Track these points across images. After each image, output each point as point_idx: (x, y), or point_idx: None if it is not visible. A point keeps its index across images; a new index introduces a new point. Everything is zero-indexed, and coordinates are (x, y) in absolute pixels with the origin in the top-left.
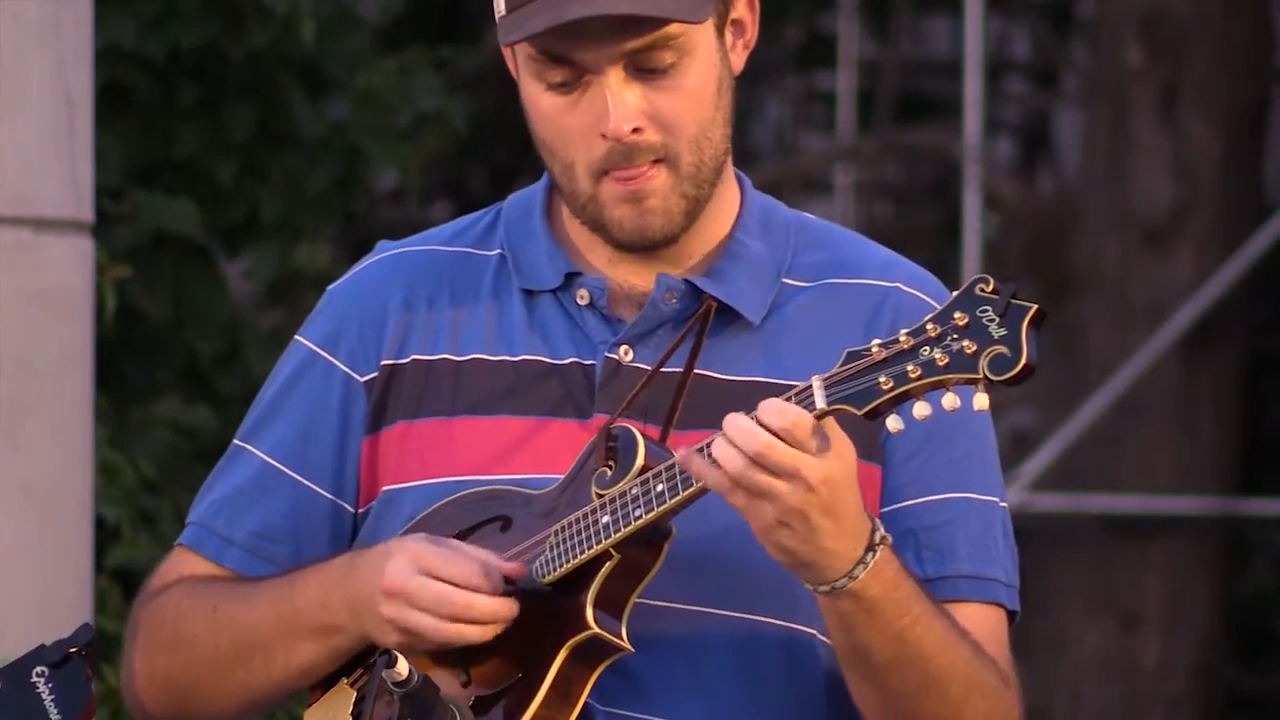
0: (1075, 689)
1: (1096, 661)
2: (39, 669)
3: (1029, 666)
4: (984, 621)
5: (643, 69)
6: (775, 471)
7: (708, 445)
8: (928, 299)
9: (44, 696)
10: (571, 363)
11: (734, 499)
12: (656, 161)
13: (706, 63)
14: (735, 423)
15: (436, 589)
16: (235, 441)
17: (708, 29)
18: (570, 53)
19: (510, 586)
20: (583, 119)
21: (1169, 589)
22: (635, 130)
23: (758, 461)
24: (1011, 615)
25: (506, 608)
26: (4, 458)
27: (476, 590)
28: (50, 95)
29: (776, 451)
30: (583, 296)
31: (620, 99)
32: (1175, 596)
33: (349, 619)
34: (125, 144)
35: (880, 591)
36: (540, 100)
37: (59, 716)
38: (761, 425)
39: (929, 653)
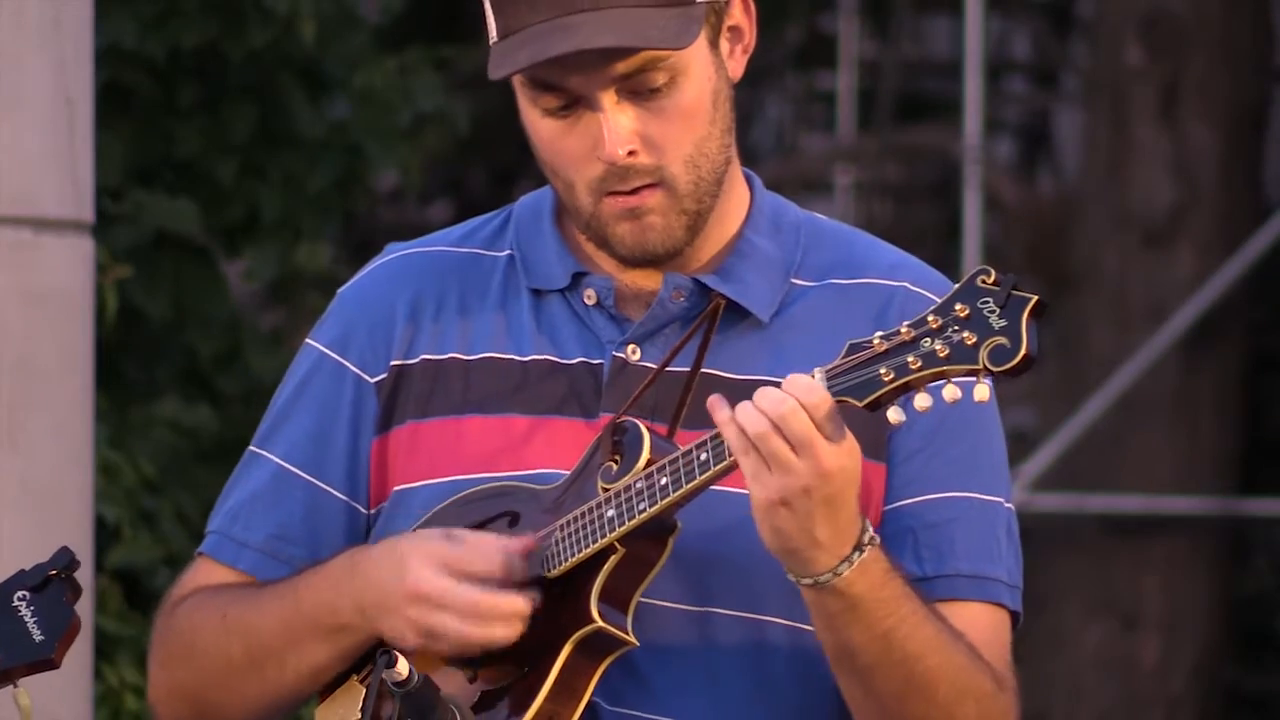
0: (1075, 689)
1: (1096, 661)
2: (20, 592)
3: (1029, 666)
4: (983, 622)
5: (635, 91)
6: (791, 442)
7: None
8: (935, 299)
9: (26, 619)
10: (579, 362)
11: (745, 461)
12: (652, 185)
13: (701, 78)
14: (766, 393)
15: (466, 591)
16: (250, 448)
17: (700, 45)
18: (561, 81)
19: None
20: (579, 143)
21: (1169, 589)
22: (630, 153)
23: (778, 427)
24: (1015, 617)
25: (531, 600)
26: (4, 458)
27: (505, 580)
28: (50, 95)
29: (798, 420)
30: (590, 296)
31: (614, 124)
32: (1175, 596)
33: (357, 619)
34: (125, 144)
35: (865, 590)
36: (538, 125)
37: (41, 637)
38: (789, 396)
39: (916, 654)
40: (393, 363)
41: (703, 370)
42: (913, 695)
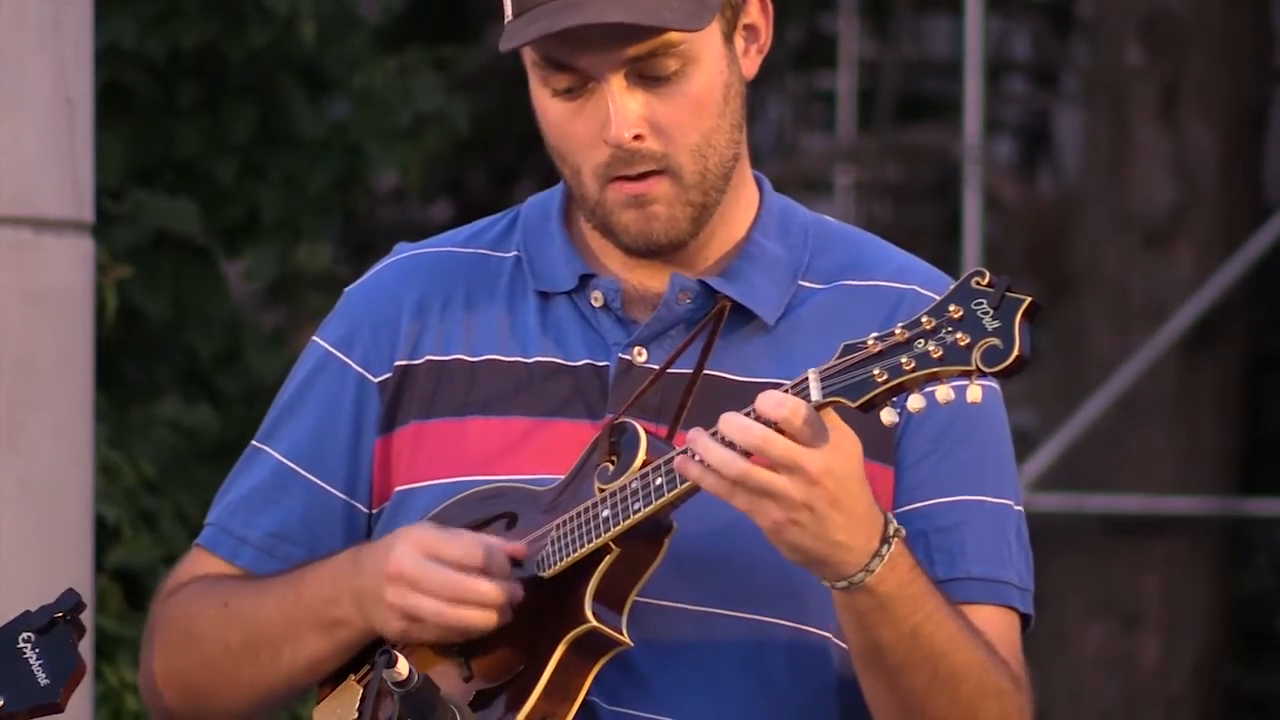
0: (1075, 689)
1: (1096, 661)
2: (25, 634)
3: (1029, 666)
4: (995, 624)
5: (646, 76)
6: (774, 466)
7: (696, 449)
8: None
9: (31, 661)
10: (585, 364)
11: (736, 501)
12: (658, 172)
13: (713, 70)
14: (730, 421)
15: (441, 572)
16: (253, 443)
17: (713, 36)
18: (572, 60)
19: (515, 571)
20: (587, 125)
21: (1169, 589)
22: (637, 137)
23: (762, 451)
24: (1025, 619)
25: (511, 591)
26: (4, 458)
27: (481, 571)
28: (50, 95)
29: (774, 446)
30: (597, 298)
31: (622, 106)
32: (1175, 596)
33: (354, 612)
34: (125, 144)
35: (895, 586)
36: (547, 106)
37: (47, 680)
38: (759, 416)
39: (941, 650)
40: (397, 362)
41: (707, 373)
42: (937, 692)
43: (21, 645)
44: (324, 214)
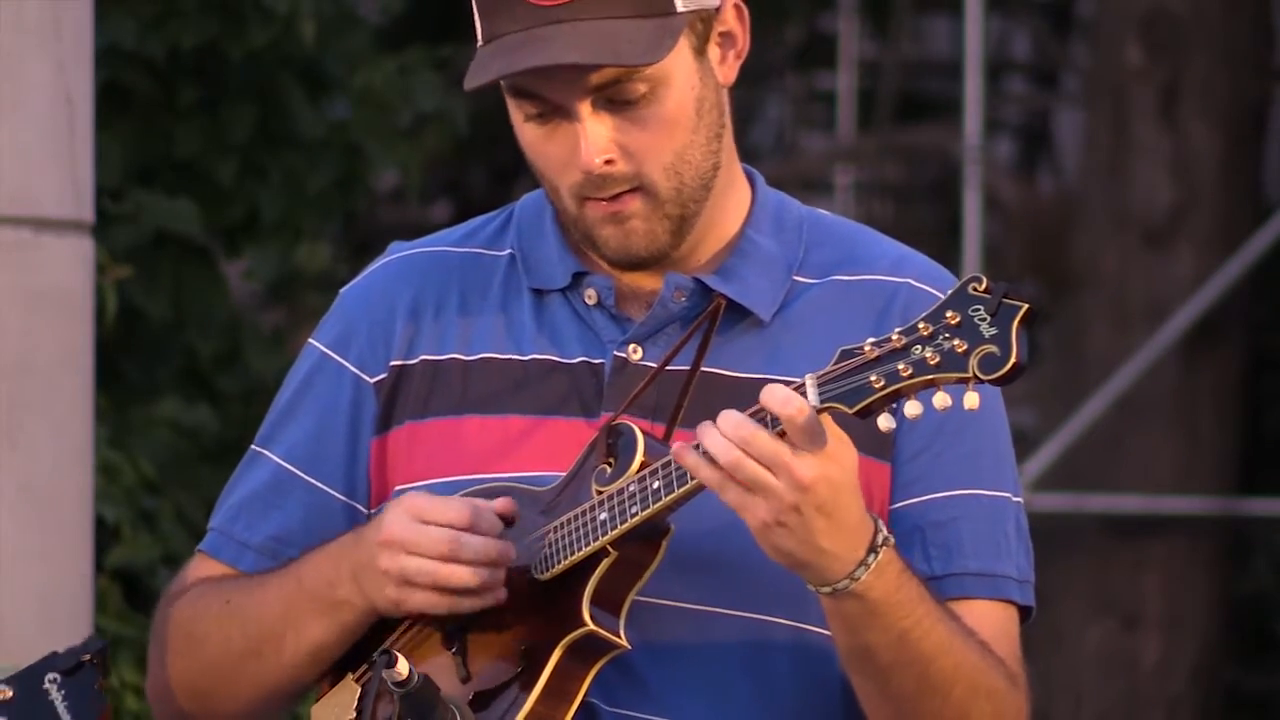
0: (1075, 689)
1: (1096, 661)
2: (51, 675)
3: (1029, 666)
4: (993, 618)
5: (614, 100)
6: (762, 463)
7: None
8: (939, 295)
9: (56, 703)
10: (580, 362)
11: (727, 496)
12: (633, 190)
13: (683, 87)
14: (727, 416)
15: (429, 531)
16: (252, 446)
17: (682, 53)
18: (539, 90)
19: (513, 574)
20: (559, 149)
21: (1169, 589)
22: (608, 162)
23: (745, 450)
24: (1026, 611)
25: (499, 548)
26: (4, 458)
27: (469, 528)
28: (50, 95)
29: (759, 443)
30: (591, 296)
31: (591, 133)
32: (1175, 596)
33: (353, 590)
34: (125, 144)
35: (882, 593)
36: (522, 129)
37: None
38: (764, 408)
39: (931, 655)
40: (393, 363)
41: (704, 370)
42: (927, 695)
43: (47, 686)
44: (324, 214)
